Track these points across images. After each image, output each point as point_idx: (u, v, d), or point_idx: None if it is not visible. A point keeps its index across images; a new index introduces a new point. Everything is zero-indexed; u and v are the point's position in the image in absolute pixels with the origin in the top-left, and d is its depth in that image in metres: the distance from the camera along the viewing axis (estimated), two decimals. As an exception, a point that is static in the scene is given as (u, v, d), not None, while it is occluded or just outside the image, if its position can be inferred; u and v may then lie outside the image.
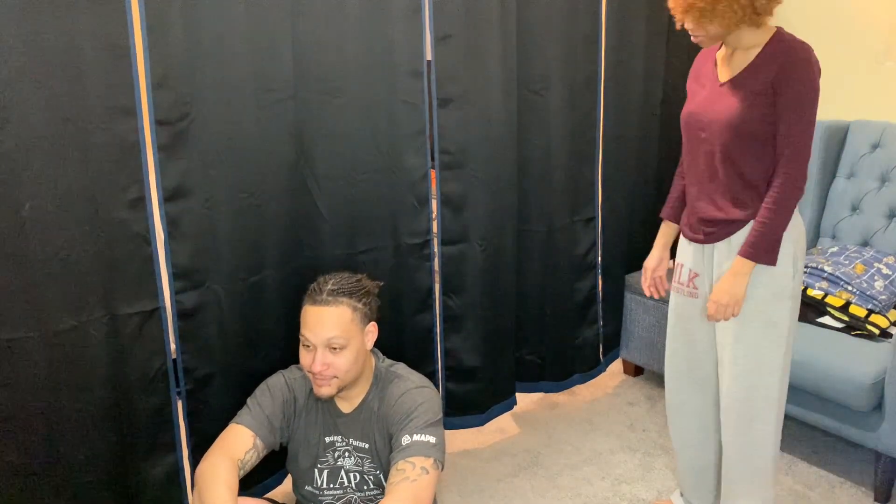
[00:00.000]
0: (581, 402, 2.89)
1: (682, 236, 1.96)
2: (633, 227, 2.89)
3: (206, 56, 1.76)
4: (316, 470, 1.81)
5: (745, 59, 1.74)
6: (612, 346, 2.96)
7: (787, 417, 2.72)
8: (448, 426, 2.48)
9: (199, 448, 1.94)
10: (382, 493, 1.79)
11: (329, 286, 1.73)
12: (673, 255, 2.07)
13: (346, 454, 1.80)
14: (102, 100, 1.62)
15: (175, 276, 1.82)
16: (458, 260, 2.35)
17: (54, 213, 1.59)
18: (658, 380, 3.05)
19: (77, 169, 1.61)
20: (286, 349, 2.06)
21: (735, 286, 1.73)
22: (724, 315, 1.76)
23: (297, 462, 1.83)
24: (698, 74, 1.88)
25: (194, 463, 1.94)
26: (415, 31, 2.09)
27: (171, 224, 1.79)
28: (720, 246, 1.82)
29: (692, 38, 1.74)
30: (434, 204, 2.28)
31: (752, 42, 1.72)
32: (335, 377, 1.70)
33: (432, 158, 2.23)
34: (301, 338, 1.73)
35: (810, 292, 2.47)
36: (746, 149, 1.72)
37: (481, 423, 2.51)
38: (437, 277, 2.34)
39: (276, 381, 1.85)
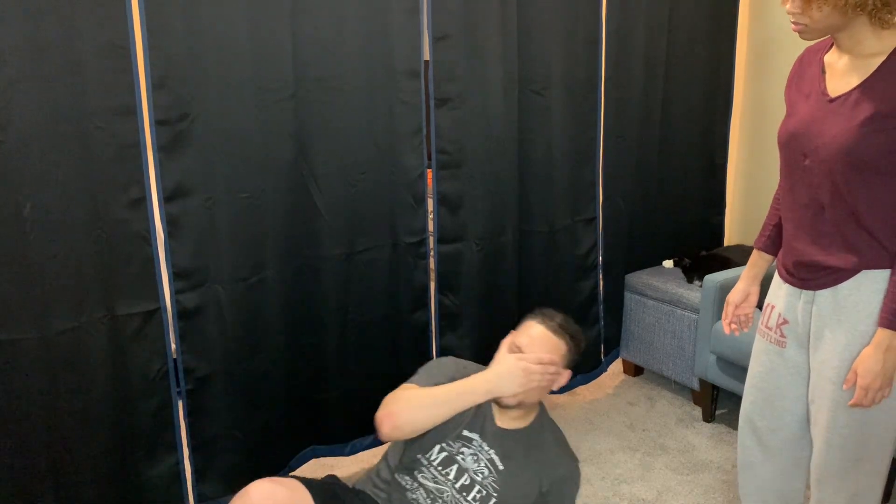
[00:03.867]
0: (581, 402, 2.89)
1: (776, 274, 1.63)
2: (633, 227, 2.90)
3: (206, 56, 1.76)
4: (437, 447, 1.70)
5: (865, 68, 1.37)
6: (613, 346, 2.96)
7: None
8: None
9: (200, 448, 1.94)
10: None
11: (559, 319, 1.75)
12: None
13: (474, 457, 1.70)
14: (102, 100, 1.62)
15: (175, 276, 1.82)
16: (455, 258, 2.36)
17: (55, 213, 1.59)
18: (657, 379, 3.05)
19: (77, 169, 1.61)
20: (286, 349, 2.07)
21: (888, 364, 1.38)
22: (874, 401, 1.41)
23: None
24: (800, 80, 1.52)
25: (195, 463, 1.95)
26: (413, 30, 2.10)
27: (171, 224, 1.79)
28: (824, 295, 1.47)
29: (793, 26, 1.39)
30: (431, 203, 2.29)
31: (874, 47, 1.36)
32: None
33: (429, 158, 2.24)
34: (516, 341, 1.72)
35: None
36: (863, 184, 1.37)
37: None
38: (433, 276, 2.35)
39: (447, 359, 1.85)
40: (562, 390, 2.72)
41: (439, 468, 1.70)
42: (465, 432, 1.72)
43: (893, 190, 1.37)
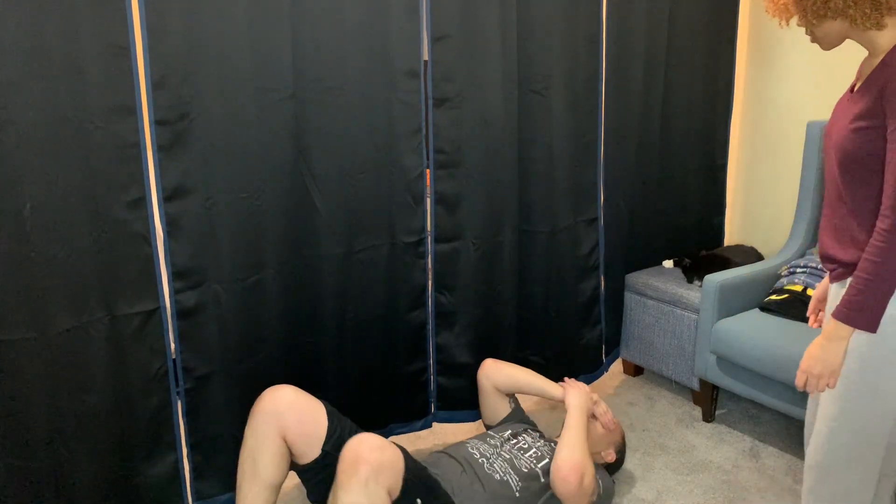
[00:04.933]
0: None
1: None
2: (633, 227, 2.90)
3: (205, 56, 1.77)
4: (508, 428, 2.21)
5: (870, 67, 1.42)
6: (613, 345, 2.96)
7: (787, 417, 2.72)
8: (438, 419, 2.50)
9: (198, 446, 1.95)
10: (523, 478, 2.00)
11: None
12: None
13: (532, 438, 2.16)
14: (102, 100, 1.63)
15: (175, 275, 1.82)
16: (452, 258, 2.36)
17: (54, 213, 1.60)
18: (657, 379, 3.05)
19: (77, 169, 1.62)
20: (283, 347, 2.07)
21: (829, 353, 1.41)
22: (816, 388, 1.45)
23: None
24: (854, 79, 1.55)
25: (193, 461, 1.95)
26: (412, 30, 2.10)
27: (170, 224, 1.80)
28: (835, 287, 1.51)
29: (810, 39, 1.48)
30: (428, 202, 2.29)
31: (882, 46, 1.40)
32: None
33: (428, 157, 2.24)
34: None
35: (810, 292, 2.47)
36: (858, 180, 1.41)
37: (473, 420, 2.52)
38: (430, 274, 2.35)
39: None
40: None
41: (504, 435, 2.14)
42: (530, 430, 2.21)
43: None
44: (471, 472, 1.94)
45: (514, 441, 2.12)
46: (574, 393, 2.19)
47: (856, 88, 1.47)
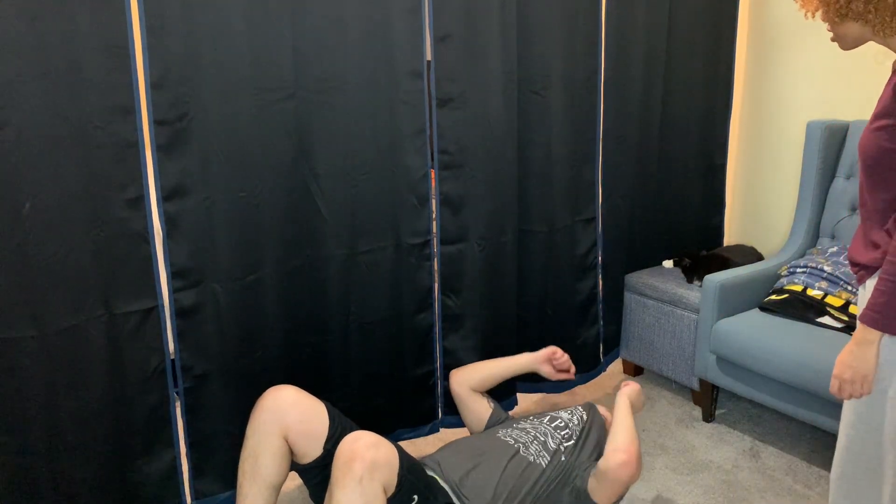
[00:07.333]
0: (581, 403, 2.88)
1: None
2: (633, 227, 2.89)
3: (205, 56, 1.76)
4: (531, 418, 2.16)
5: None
6: (613, 345, 2.96)
7: (787, 417, 2.72)
8: (445, 424, 2.49)
9: (197, 445, 1.95)
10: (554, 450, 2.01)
11: None
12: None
13: (569, 413, 2.17)
14: (102, 100, 1.63)
15: (173, 274, 1.82)
16: (458, 259, 2.36)
17: (54, 212, 1.60)
18: (657, 379, 3.05)
19: (77, 168, 1.62)
20: (283, 347, 2.07)
21: (858, 358, 1.38)
22: (851, 394, 1.42)
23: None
24: None
25: (192, 460, 1.95)
26: (414, 30, 2.10)
27: (169, 223, 1.80)
28: (859, 292, 1.50)
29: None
30: (433, 204, 2.28)
31: None
32: None
33: (432, 158, 2.24)
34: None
35: (810, 292, 2.47)
36: (879, 179, 1.41)
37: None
38: (436, 277, 2.35)
39: None
40: (561, 389, 2.74)
41: (533, 419, 2.12)
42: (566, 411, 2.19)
43: None
44: (501, 459, 1.93)
45: (549, 420, 2.10)
46: (627, 390, 2.16)
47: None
